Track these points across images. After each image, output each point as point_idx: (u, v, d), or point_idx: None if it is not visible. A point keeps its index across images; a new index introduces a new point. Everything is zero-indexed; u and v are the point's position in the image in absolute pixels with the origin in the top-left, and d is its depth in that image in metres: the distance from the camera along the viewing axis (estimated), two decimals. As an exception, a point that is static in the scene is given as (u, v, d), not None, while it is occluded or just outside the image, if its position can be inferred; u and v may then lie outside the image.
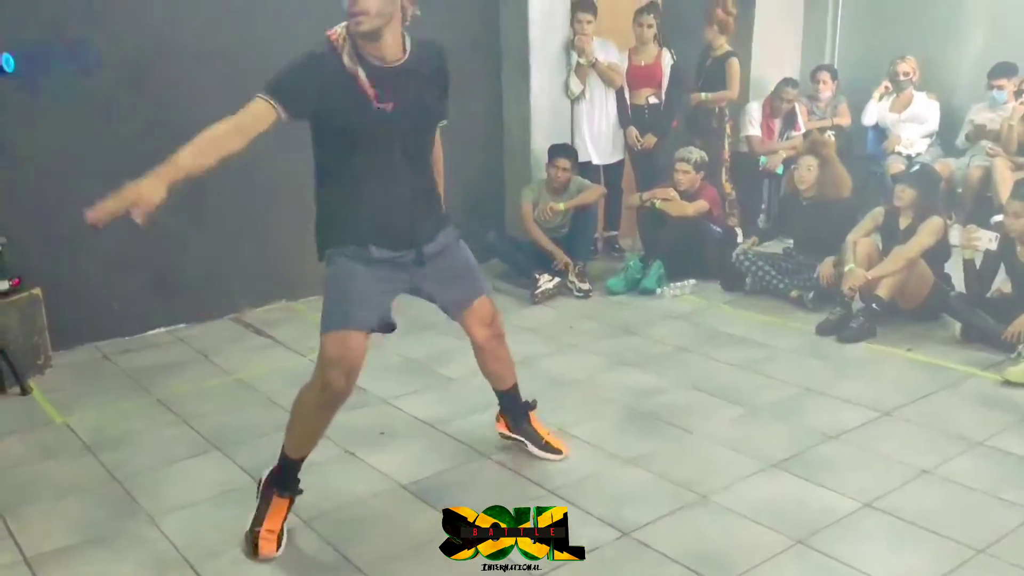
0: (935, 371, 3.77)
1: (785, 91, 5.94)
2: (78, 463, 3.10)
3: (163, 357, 4.14)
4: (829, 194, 4.74)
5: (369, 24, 2.26)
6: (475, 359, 2.92)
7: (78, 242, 4.16)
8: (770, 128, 6.03)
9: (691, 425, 3.29)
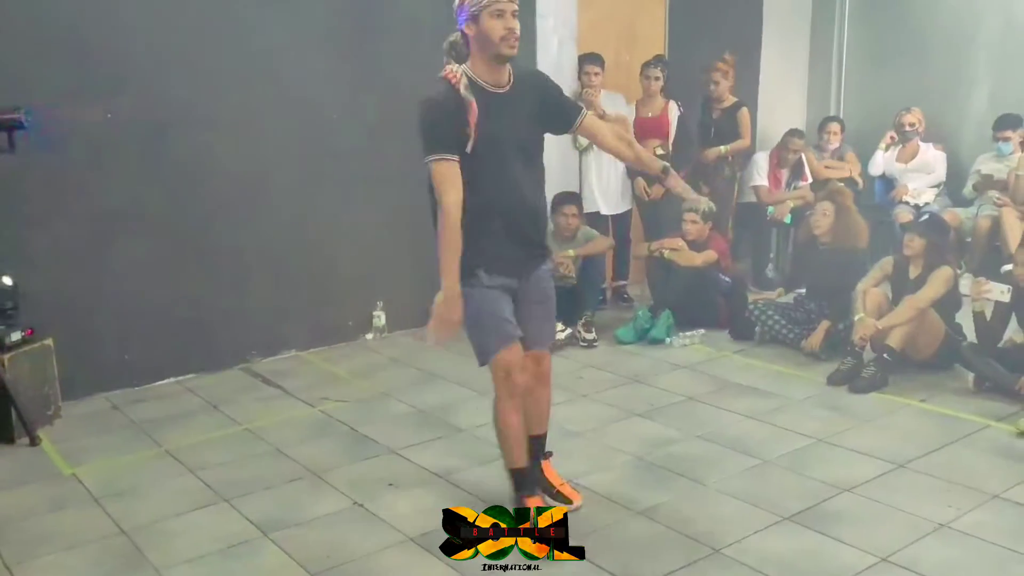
0: (949, 422, 3.73)
1: (792, 141, 6.00)
2: (86, 515, 3.08)
3: (173, 407, 4.14)
4: (846, 242, 4.74)
5: (517, 47, 2.58)
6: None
7: (90, 293, 4.22)
8: (777, 178, 6.08)
9: (703, 476, 3.26)
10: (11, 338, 3.71)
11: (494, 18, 2.52)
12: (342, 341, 5.10)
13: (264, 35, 4.61)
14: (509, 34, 2.54)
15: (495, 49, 2.56)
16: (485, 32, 2.54)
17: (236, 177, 4.62)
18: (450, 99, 2.55)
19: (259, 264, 4.76)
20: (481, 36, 2.55)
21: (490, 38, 2.54)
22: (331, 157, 4.89)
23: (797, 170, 6.09)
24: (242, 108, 4.58)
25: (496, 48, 2.55)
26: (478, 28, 2.54)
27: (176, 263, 4.49)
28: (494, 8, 2.52)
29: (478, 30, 2.55)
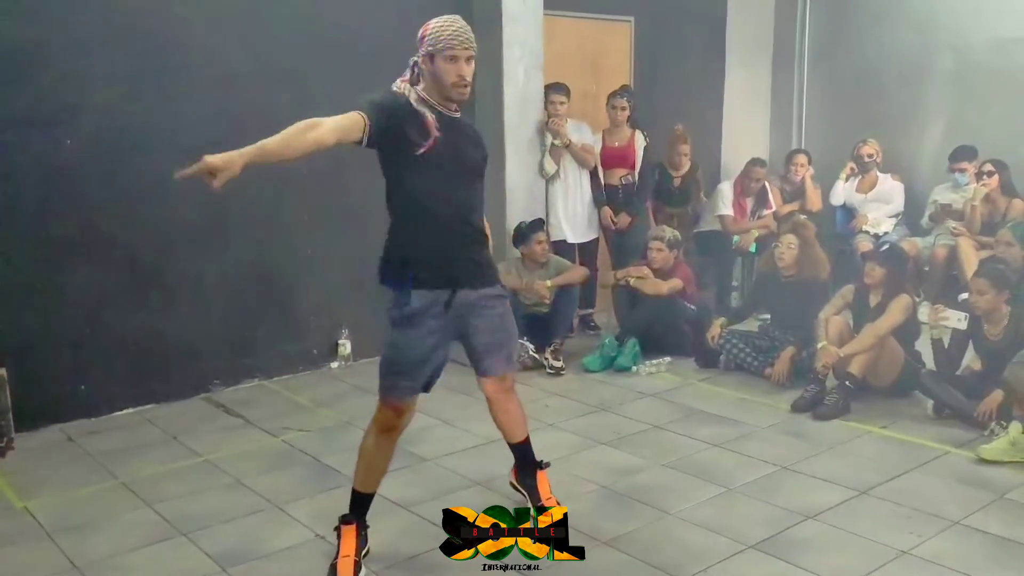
0: (910, 449, 3.77)
1: (753, 170, 6.10)
2: (37, 550, 2.98)
3: (130, 439, 4.05)
4: (807, 274, 4.81)
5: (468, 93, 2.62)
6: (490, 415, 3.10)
7: (45, 322, 4.13)
8: (742, 207, 6.16)
9: (668, 505, 3.25)
10: (-38, 368, 3.62)
11: (448, 62, 2.55)
12: (307, 369, 5.04)
13: (225, 62, 4.58)
14: (460, 80, 2.57)
15: (446, 92, 2.60)
16: (438, 73, 2.56)
17: (197, 204, 4.55)
18: (402, 104, 2.58)
19: (221, 292, 4.70)
20: (435, 75, 2.58)
21: (442, 81, 2.57)
22: (295, 185, 4.86)
23: (761, 198, 6.18)
24: (202, 135, 4.50)
25: (447, 92, 2.59)
26: (432, 67, 2.57)
27: (134, 291, 4.41)
28: (448, 53, 2.54)
29: (432, 69, 2.57)
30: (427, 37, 2.57)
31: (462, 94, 2.59)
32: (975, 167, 5.77)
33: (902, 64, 6.51)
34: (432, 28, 2.57)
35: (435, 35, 2.54)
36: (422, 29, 2.60)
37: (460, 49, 2.54)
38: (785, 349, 4.67)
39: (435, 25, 2.56)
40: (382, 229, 2.87)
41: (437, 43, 2.54)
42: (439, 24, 2.56)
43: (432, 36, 2.55)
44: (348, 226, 5.07)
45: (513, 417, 3.08)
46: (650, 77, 6.41)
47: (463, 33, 2.56)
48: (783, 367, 4.62)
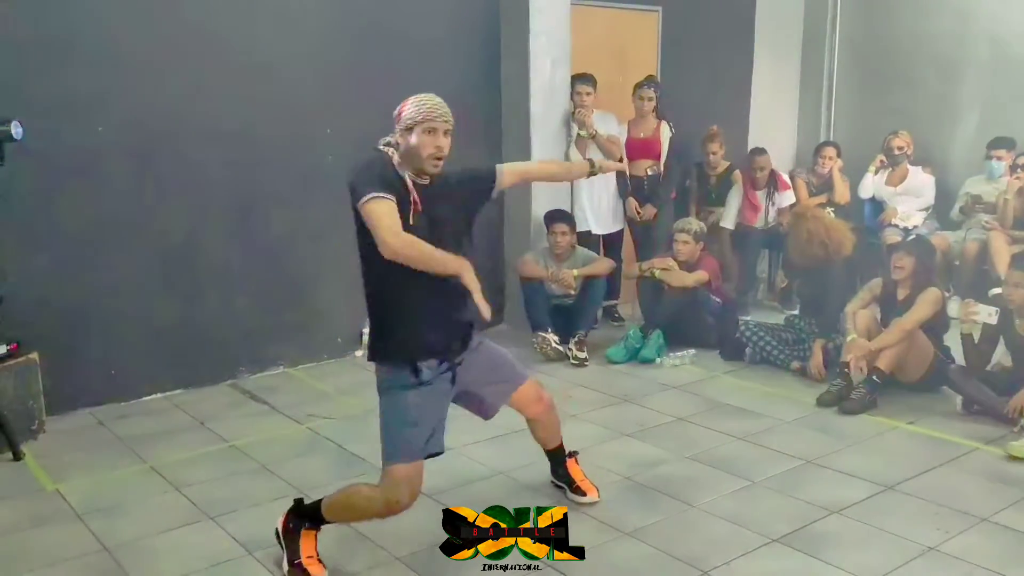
0: (938, 445, 3.73)
1: (756, 160, 6.01)
2: (68, 531, 3.04)
3: (159, 423, 4.11)
4: (832, 245, 4.71)
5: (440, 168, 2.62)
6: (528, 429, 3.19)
7: (76, 308, 4.19)
8: (752, 204, 6.06)
9: (691, 498, 3.24)
10: (-5, 352, 3.69)
11: (426, 134, 2.56)
12: (331, 358, 5.08)
13: (257, 49, 4.62)
14: (437, 151, 2.58)
15: (421, 164, 2.59)
16: (415, 146, 2.57)
17: (226, 192, 4.61)
18: (390, 166, 2.58)
19: (247, 280, 4.75)
20: (411, 148, 2.58)
21: (418, 152, 2.57)
22: (321, 175, 4.88)
23: (772, 183, 6.08)
24: (233, 123, 4.58)
25: (422, 163, 2.58)
26: (408, 140, 2.58)
27: (164, 278, 4.47)
28: (428, 125, 2.56)
29: (409, 142, 2.58)
30: (405, 113, 2.59)
31: (436, 166, 2.60)
32: (1011, 159, 5.67)
33: (936, 54, 6.40)
34: (411, 104, 2.60)
35: (414, 109, 2.57)
36: (399, 107, 2.62)
37: (440, 122, 2.58)
38: (815, 342, 4.63)
39: (413, 101, 2.60)
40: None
41: (416, 116, 2.56)
42: (418, 100, 2.59)
43: (411, 111, 2.58)
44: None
45: (554, 428, 3.21)
46: (677, 68, 6.36)
47: (441, 107, 2.60)
48: (819, 360, 4.56)
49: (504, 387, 2.95)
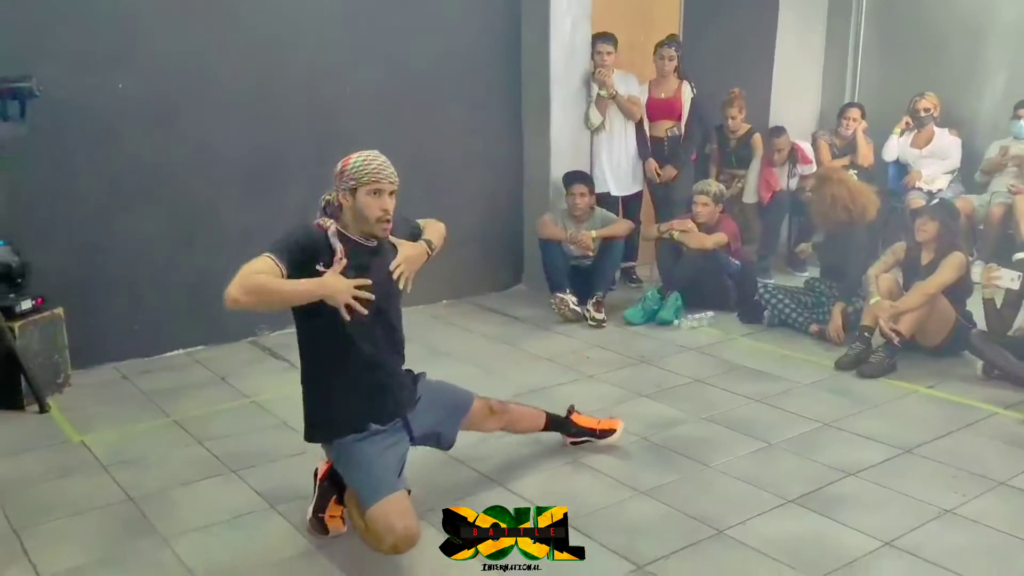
0: (957, 409, 3.72)
1: (773, 142, 5.91)
2: (93, 482, 3.10)
3: (181, 379, 4.16)
4: (856, 210, 4.67)
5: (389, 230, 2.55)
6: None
7: (99, 265, 4.23)
8: (767, 182, 5.96)
9: (707, 458, 3.26)
10: (21, 307, 3.73)
11: (371, 196, 2.48)
12: (347, 318, 5.11)
13: (277, 8, 4.58)
14: (384, 215, 2.50)
15: (368, 228, 2.52)
16: (360, 208, 2.49)
17: (245, 153, 4.61)
18: (318, 239, 2.49)
19: (266, 238, 4.72)
20: (356, 210, 2.50)
21: (365, 216, 2.50)
22: (339, 136, 4.86)
23: (793, 159, 6.00)
24: (253, 83, 4.57)
25: (370, 227, 2.52)
26: (354, 201, 2.49)
27: (184, 236, 4.50)
28: (372, 187, 2.48)
29: (354, 203, 2.50)
30: (347, 172, 2.49)
31: (385, 229, 2.53)
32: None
33: (963, 15, 6.25)
34: (353, 163, 2.50)
35: (357, 169, 2.48)
36: (340, 164, 2.53)
37: (385, 183, 2.49)
38: (835, 305, 4.60)
39: (356, 160, 2.50)
40: (424, 179, 2.86)
41: (360, 177, 2.47)
42: (361, 159, 2.50)
43: (354, 171, 2.48)
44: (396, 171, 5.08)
45: (528, 418, 3.16)
46: (700, 27, 6.24)
47: (387, 167, 2.51)
48: (838, 323, 4.54)
49: (452, 417, 2.86)
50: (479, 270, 5.67)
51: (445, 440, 2.86)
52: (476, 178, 5.57)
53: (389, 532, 2.36)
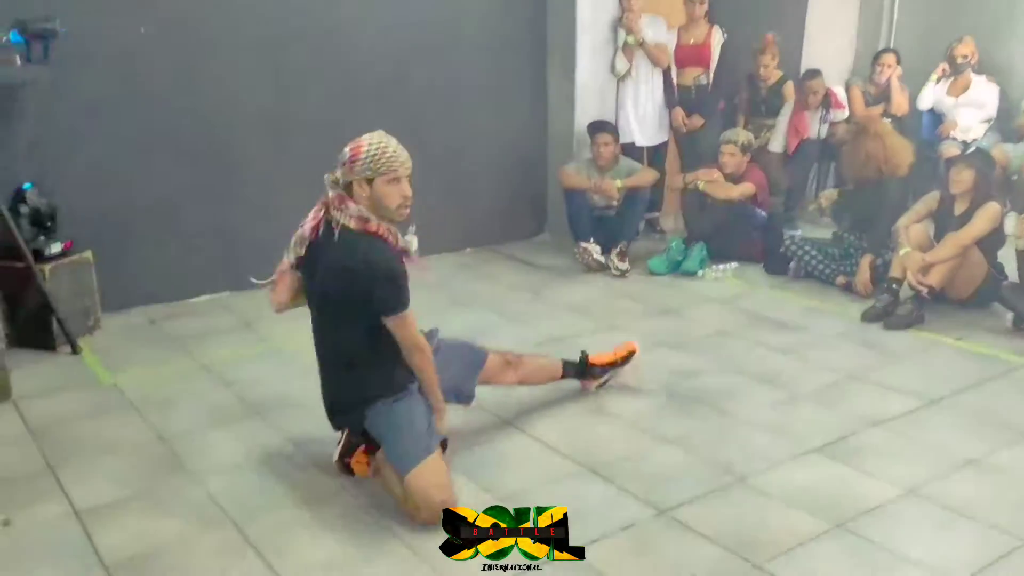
0: (985, 360, 3.69)
1: (808, 85, 5.75)
2: (126, 422, 3.17)
3: (207, 324, 4.21)
4: (887, 169, 4.59)
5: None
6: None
7: (126, 210, 4.27)
8: (796, 128, 5.81)
9: (730, 408, 3.26)
10: (51, 250, 3.78)
11: (390, 184, 2.47)
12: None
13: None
14: (405, 201, 2.50)
15: (389, 215, 2.51)
16: (380, 198, 2.48)
17: (267, 98, 4.60)
18: (399, 255, 2.55)
19: (288, 186, 4.73)
20: (375, 199, 2.48)
21: (385, 204, 2.49)
22: (363, 83, 4.84)
23: (826, 103, 5.84)
24: (276, 29, 4.53)
25: (391, 214, 2.51)
26: (371, 191, 2.47)
27: (208, 183, 4.51)
28: (391, 176, 2.46)
29: (371, 192, 2.48)
30: (362, 161, 2.45)
31: (404, 215, 2.53)
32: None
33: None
34: (366, 152, 2.45)
35: (372, 158, 2.44)
36: (350, 151, 2.48)
37: (403, 170, 2.48)
38: (863, 257, 4.55)
39: (369, 149, 2.45)
40: (447, 126, 2.83)
41: (378, 167, 2.44)
42: (375, 147, 2.45)
43: (369, 159, 2.44)
44: (414, 123, 5.04)
45: (543, 369, 3.17)
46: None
47: (401, 152, 2.49)
48: (866, 276, 4.49)
49: (468, 372, 2.90)
50: (503, 219, 5.65)
51: (464, 395, 2.89)
52: (500, 126, 5.51)
53: (428, 506, 2.42)
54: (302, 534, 2.46)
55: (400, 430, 2.56)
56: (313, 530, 2.48)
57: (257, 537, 2.44)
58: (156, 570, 2.30)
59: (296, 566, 2.31)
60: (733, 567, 2.29)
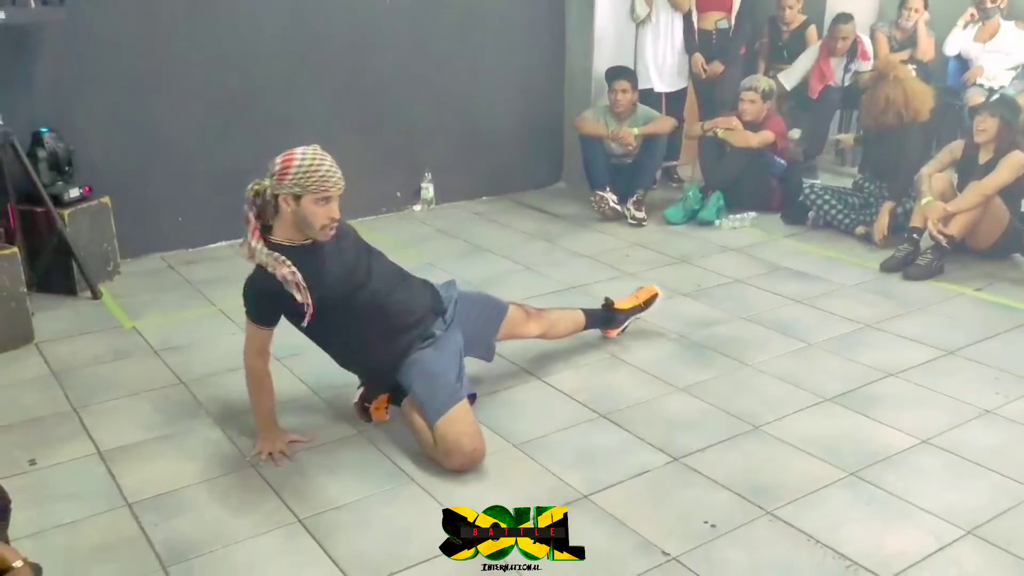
0: (1005, 311, 3.66)
1: (838, 29, 5.59)
2: (147, 365, 3.22)
3: (225, 269, 4.23)
4: (908, 115, 4.49)
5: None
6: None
7: (143, 155, 4.27)
8: (822, 72, 5.66)
9: (746, 357, 3.26)
10: (69, 194, 3.79)
11: (318, 204, 2.35)
12: (389, 212, 5.12)
13: None
14: (331, 222, 2.38)
15: (313, 234, 2.41)
16: (305, 215, 2.36)
17: (284, 41, 4.54)
18: (276, 285, 2.40)
19: (305, 131, 4.69)
20: (299, 217, 2.37)
21: (309, 223, 2.37)
22: (379, 29, 4.77)
23: (852, 51, 5.71)
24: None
25: (314, 234, 2.41)
26: (298, 207, 2.36)
27: (225, 128, 4.49)
28: (322, 195, 2.33)
29: (297, 208, 2.36)
30: (292, 176, 2.32)
31: (329, 235, 2.42)
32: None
33: None
34: (298, 166, 2.32)
35: (303, 175, 2.30)
36: (281, 162, 2.34)
37: (335, 190, 2.35)
38: (883, 204, 4.49)
39: (301, 162, 2.32)
40: (463, 72, 2.79)
41: (307, 183, 2.31)
42: (307, 162, 2.32)
43: (301, 175, 2.30)
44: (431, 69, 4.98)
45: (567, 321, 3.16)
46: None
47: (335, 172, 2.36)
48: (884, 222, 4.43)
49: (489, 322, 2.88)
50: (519, 167, 5.61)
51: (485, 348, 2.90)
52: (516, 73, 5.44)
53: (458, 453, 2.45)
54: (320, 476, 2.51)
55: (432, 378, 2.57)
56: (331, 473, 2.52)
57: (276, 479, 2.49)
58: (178, 509, 2.35)
59: (315, 507, 2.36)
60: (747, 513, 2.31)
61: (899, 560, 2.12)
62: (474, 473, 2.49)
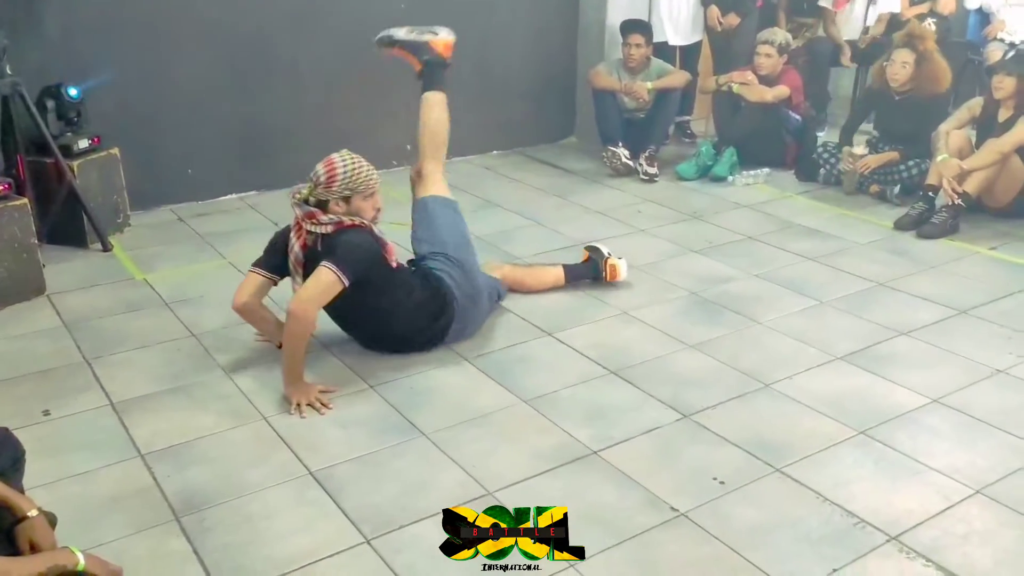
0: (1019, 271, 3.63)
1: None
2: (158, 318, 3.23)
3: (235, 222, 4.23)
4: (925, 89, 4.41)
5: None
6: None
7: (152, 107, 4.23)
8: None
9: (757, 314, 3.25)
10: (79, 145, 3.77)
11: (366, 200, 2.72)
12: (400, 165, 5.08)
13: None
14: (378, 213, 2.78)
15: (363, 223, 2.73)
16: (357, 211, 2.71)
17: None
18: (376, 239, 2.75)
19: (317, 81, 4.69)
20: (351, 213, 2.70)
21: (362, 216, 2.72)
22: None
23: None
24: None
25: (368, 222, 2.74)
26: (348, 207, 2.70)
27: (234, 79, 4.44)
28: (368, 191, 2.71)
29: (348, 208, 2.70)
30: (340, 183, 2.66)
31: (379, 221, 2.79)
32: None
33: None
34: (343, 174, 2.66)
35: (350, 179, 2.66)
36: (326, 173, 2.66)
37: (377, 185, 2.74)
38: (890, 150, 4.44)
39: (345, 171, 2.66)
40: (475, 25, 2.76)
41: (356, 186, 2.68)
42: (351, 169, 2.67)
43: (347, 180, 2.66)
44: (442, 20, 4.88)
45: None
46: None
47: (373, 169, 2.73)
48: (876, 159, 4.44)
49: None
50: (530, 120, 5.54)
51: None
52: (528, 25, 5.34)
53: None
54: (331, 430, 2.52)
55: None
56: (341, 427, 2.54)
57: (287, 431, 2.51)
58: (190, 460, 2.37)
59: (326, 460, 2.38)
60: (756, 470, 2.32)
61: (907, 518, 2.13)
62: (484, 428, 2.50)
